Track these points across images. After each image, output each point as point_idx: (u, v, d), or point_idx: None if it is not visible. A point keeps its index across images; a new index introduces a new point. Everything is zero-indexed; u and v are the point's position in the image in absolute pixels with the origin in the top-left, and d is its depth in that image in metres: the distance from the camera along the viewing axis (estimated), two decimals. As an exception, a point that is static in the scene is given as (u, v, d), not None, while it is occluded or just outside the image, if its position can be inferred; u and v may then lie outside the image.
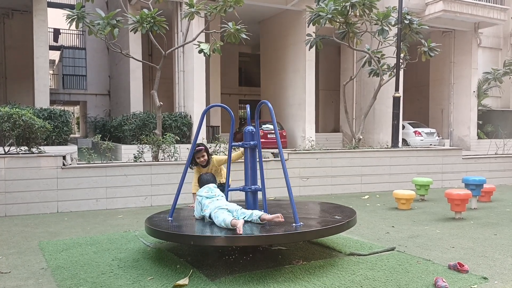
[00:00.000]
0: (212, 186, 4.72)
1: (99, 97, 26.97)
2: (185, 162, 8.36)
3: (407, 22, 11.58)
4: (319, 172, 9.38)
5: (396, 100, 11.70)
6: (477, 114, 21.54)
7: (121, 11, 9.85)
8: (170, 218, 4.83)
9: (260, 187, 4.78)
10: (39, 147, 7.94)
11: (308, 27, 13.15)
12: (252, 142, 4.80)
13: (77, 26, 8.93)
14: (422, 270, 4.18)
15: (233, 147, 5.09)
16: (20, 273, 4.21)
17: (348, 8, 10.25)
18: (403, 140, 19.04)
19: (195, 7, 9.16)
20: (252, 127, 4.85)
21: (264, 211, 4.51)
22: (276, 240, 4.31)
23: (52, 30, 26.41)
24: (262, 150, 5.12)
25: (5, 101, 18.42)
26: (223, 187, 5.03)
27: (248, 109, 5.14)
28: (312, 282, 3.86)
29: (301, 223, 4.19)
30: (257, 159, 4.87)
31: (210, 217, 4.36)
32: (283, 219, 4.18)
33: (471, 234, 5.73)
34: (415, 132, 19.95)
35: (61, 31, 27.76)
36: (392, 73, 12.23)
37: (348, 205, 6.77)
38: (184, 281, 3.80)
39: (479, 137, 21.60)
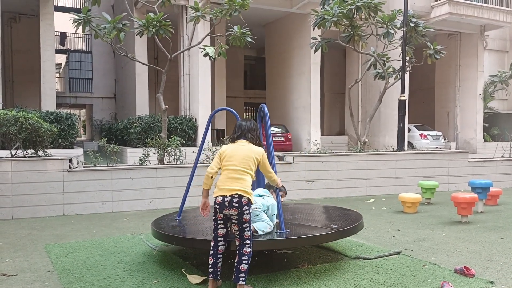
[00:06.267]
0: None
1: (105, 100, 27.09)
2: (191, 165, 8.41)
3: (412, 24, 11.55)
4: (325, 175, 9.36)
5: (401, 103, 11.67)
6: (483, 117, 21.42)
7: (127, 15, 9.91)
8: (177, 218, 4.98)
9: None
10: (46, 150, 7.99)
11: (313, 30, 13.15)
12: None
13: (83, 30, 8.98)
14: (428, 274, 4.16)
15: None
16: (27, 276, 4.23)
17: (353, 11, 10.24)
18: (409, 143, 18.96)
19: (200, 11, 9.20)
20: None
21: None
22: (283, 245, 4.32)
23: (58, 33, 26.59)
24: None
25: (12, 104, 18.52)
26: None
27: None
28: (318, 286, 3.86)
29: (287, 230, 4.23)
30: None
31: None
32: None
33: (477, 238, 5.70)
34: (420, 135, 19.86)
35: (67, 34, 27.93)
36: (398, 76, 12.19)
37: (354, 208, 6.77)
38: (198, 279, 3.94)
39: (485, 140, 21.47)
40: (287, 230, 4.22)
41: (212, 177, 3.81)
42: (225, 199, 3.62)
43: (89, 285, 3.92)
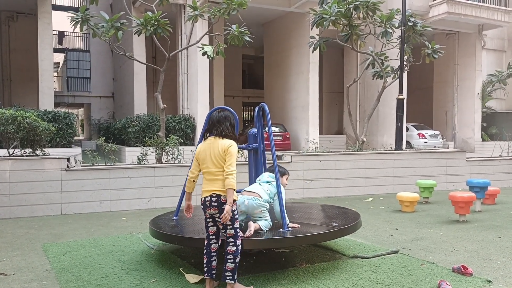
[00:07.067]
0: None
1: (103, 99, 27.06)
2: (189, 164, 8.40)
3: (410, 24, 11.56)
4: (323, 174, 9.36)
5: (399, 102, 11.68)
6: (481, 116, 21.45)
7: (125, 13, 9.88)
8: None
9: None
10: (43, 150, 7.98)
11: (311, 29, 13.14)
12: (255, 145, 4.81)
13: (81, 29, 8.96)
14: (426, 273, 4.17)
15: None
16: (24, 275, 4.22)
17: (351, 10, 10.24)
18: (407, 142, 18.98)
19: (198, 10, 9.19)
20: (255, 130, 4.87)
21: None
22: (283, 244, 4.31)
23: (56, 32, 26.56)
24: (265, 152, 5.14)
25: (9, 103, 18.50)
26: None
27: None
28: (316, 285, 3.86)
29: (289, 228, 4.25)
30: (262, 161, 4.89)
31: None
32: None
33: (475, 237, 5.71)
34: (419, 134, 19.88)
35: (65, 33, 27.88)
36: (396, 75, 12.21)
37: (352, 207, 6.77)
38: (195, 278, 3.97)
39: (483, 140, 21.50)
40: (290, 228, 4.23)
41: (194, 180, 3.86)
42: (206, 199, 3.72)
43: (87, 284, 3.91)
